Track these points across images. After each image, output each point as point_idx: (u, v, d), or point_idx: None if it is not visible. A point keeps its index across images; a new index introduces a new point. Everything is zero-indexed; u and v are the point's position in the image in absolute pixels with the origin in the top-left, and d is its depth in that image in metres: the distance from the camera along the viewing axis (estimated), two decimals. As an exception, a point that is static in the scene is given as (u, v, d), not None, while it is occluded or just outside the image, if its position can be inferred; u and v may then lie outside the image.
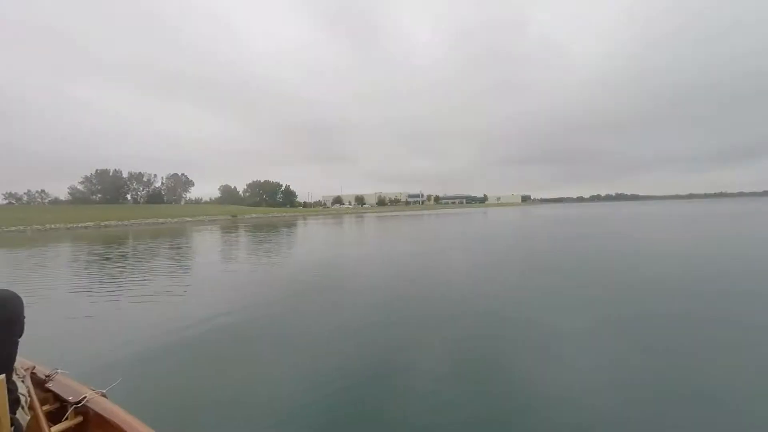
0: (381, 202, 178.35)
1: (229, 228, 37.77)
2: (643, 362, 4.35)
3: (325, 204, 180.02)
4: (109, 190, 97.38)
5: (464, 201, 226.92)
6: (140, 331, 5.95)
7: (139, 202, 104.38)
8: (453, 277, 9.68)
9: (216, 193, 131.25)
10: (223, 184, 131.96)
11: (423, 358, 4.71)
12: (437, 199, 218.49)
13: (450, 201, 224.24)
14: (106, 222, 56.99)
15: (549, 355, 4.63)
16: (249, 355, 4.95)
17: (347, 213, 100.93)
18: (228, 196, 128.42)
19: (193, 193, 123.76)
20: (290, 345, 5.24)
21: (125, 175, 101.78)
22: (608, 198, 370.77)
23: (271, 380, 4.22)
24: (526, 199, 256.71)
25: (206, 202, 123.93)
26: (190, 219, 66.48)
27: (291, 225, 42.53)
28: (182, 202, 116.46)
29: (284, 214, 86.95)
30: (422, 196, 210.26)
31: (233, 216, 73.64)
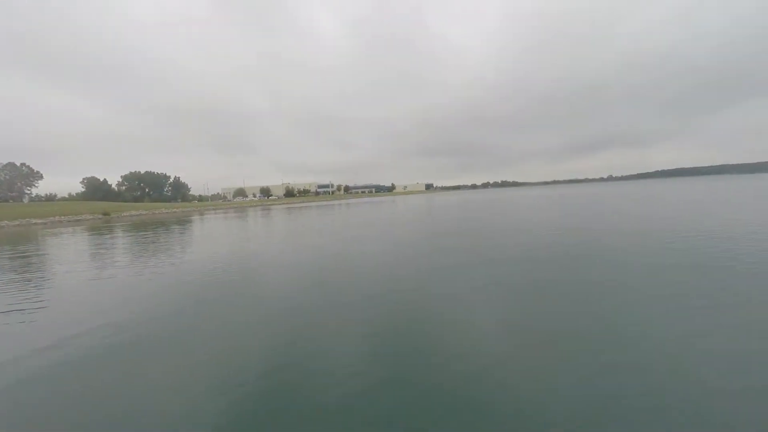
0: (289, 193, 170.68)
1: (100, 229, 31.35)
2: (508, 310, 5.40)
3: (225, 197, 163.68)
4: None
5: (373, 190, 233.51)
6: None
7: (-48, 202, 78.09)
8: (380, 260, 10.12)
9: (79, 188, 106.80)
10: (89, 176, 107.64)
11: (337, 342, 4.91)
12: (347, 188, 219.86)
13: (360, 190, 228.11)
14: None
15: (455, 308, 5.37)
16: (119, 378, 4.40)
17: (251, 206, 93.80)
18: (95, 190, 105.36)
19: (42, 188, 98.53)
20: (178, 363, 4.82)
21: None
22: (496, 185, 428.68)
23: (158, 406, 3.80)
24: (429, 187, 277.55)
25: (64, 199, 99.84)
26: (39, 221, 52.75)
27: (184, 222, 37.61)
28: (25, 200, 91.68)
29: (175, 209, 76.03)
30: (332, 186, 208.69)
31: (105, 214, 61.04)
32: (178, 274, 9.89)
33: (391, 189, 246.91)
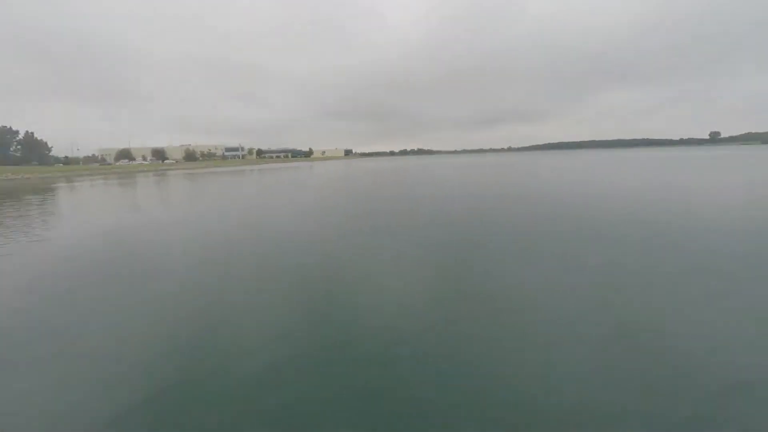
0: (190, 157, 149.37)
1: None
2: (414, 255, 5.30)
3: (104, 160, 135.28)
4: None
5: (289, 155, 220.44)
6: None
7: None
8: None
9: None
10: None
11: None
12: (260, 152, 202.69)
13: (275, 155, 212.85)
14: None
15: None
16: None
17: (140, 171, 79.46)
18: None
19: None
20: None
21: None
22: (412, 152, 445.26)
23: None
24: (348, 152, 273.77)
25: None
26: None
27: (43, 191, 29.66)
28: None
29: (27, 175, 59.59)
30: (242, 149, 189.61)
31: None
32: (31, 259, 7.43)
33: (308, 154, 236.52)
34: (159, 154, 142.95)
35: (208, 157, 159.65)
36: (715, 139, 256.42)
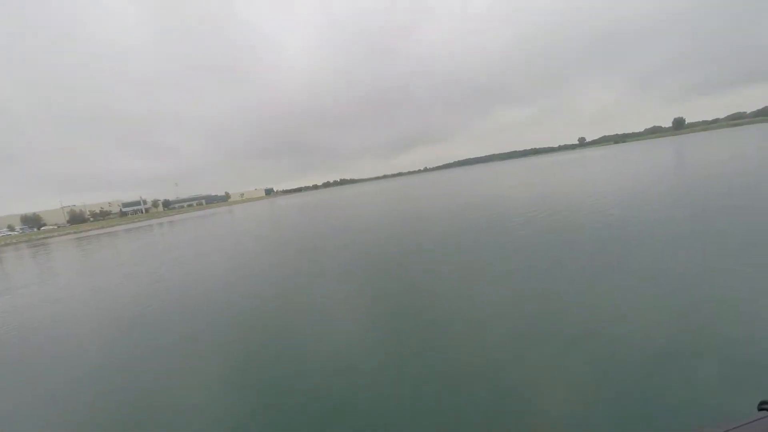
0: (76, 219, 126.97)
1: None
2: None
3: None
4: None
5: (203, 202, 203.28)
6: None
7: None
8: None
9: None
10: None
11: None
12: (167, 203, 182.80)
13: (186, 204, 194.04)
14: None
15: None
16: None
17: (7, 244, 64.79)
18: None
19: None
20: None
21: None
22: (336, 183, 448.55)
23: None
24: (269, 192, 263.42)
25: None
26: None
27: None
28: None
29: None
30: (144, 202, 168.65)
31: None
32: None
33: (226, 198, 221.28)
34: (32, 221, 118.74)
35: (103, 216, 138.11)
36: (582, 143, 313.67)
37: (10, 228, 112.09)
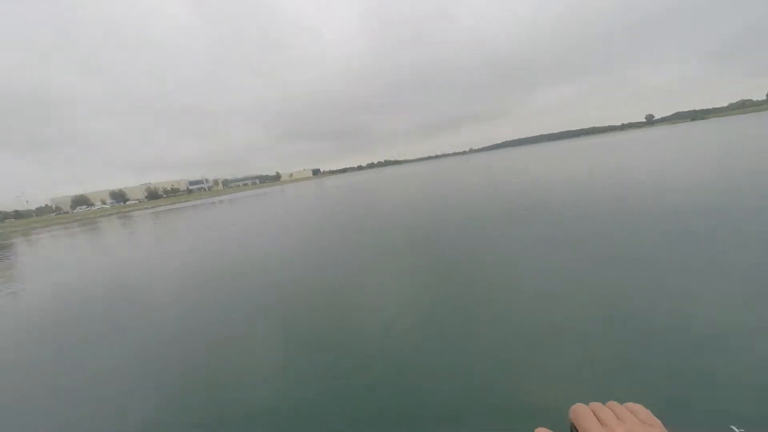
0: (152, 195, 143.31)
1: None
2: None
3: (59, 209, 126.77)
4: None
5: (257, 181, 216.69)
6: None
7: None
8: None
9: None
10: None
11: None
12: (226, 182, 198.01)
13: (242, 183, 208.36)
14: None
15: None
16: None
17: (103, 216, 75.65)
18: None
19: None
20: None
21: None
22: (380, 164, 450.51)
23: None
24: (316, 172, 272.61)
25: None
26: None
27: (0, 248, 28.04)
28: None
29: (-24, 235, 55.21)
30: (207, 181, 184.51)
31: None
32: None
33: (276, 178, 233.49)
34: (119, 196, 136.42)
35: (172, 193, 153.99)
36: (651, 121, 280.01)
37: (103, 202, 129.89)
